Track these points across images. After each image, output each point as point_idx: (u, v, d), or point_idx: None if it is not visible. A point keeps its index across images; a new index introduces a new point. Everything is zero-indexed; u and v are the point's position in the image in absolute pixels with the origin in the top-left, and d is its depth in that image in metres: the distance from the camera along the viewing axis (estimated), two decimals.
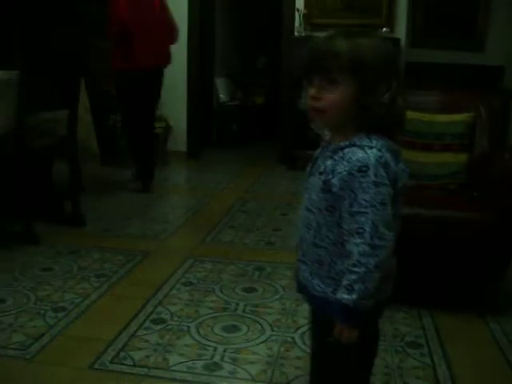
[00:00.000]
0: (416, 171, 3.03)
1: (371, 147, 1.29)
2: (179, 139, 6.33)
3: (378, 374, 2.14)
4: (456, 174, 3.00)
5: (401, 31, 5.90)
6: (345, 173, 1.28)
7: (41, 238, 3.50)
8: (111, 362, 2.18)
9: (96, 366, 2.15)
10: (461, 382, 2.13)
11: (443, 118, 3.09)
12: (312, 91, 1.33)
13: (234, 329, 2.46)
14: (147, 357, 2.21)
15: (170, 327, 2.45)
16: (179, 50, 6.19)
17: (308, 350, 2.22)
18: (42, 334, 2.37)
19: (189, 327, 2.45)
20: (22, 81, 3.28)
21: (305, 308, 2.63)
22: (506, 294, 2.89)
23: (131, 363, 2.17)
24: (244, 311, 2.63)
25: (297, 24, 5.98)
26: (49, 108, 3.69)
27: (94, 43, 5.59)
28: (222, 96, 7.41)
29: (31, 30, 3.39)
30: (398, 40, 5.77)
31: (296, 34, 5.95)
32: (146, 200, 4.61)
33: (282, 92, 6.21)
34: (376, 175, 1.26)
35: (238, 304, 2.70)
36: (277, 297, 2.79)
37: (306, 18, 5.89)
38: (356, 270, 1.28)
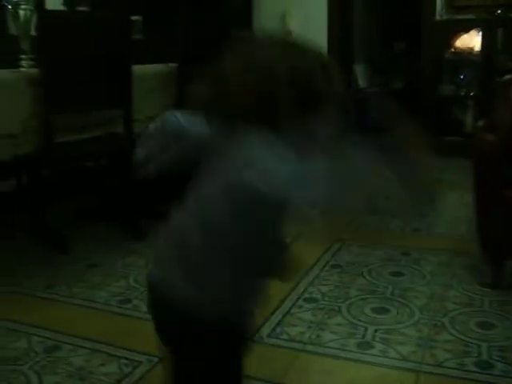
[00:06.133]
0: None
1: None
2: None
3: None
4: None
5: None
6: None
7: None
8: (268, 336, 2.34)
9: (254, 339, 2.31)
10: None
11: None
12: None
13: (383, 310, 2.55)
14: (302, 333, 2.35)
15: (321, 306, 2.58)
16: (320, 38, 6.29)
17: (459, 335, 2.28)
18: None
19: (340, 307, 2.57)
20: (180, 73, 3.53)
21: (453, 294, 2.67)
22: None
23: (287, 338, 2.32)
24: (392, 294, 2.70)
25: (438, 7, 5.88)
26: None
27: (234, 32, 5.83)
28: (361, 82, 7.42)
29: (189, 26, 3.62)
30: None
31: (437, 17, 5.86)
32: None
33: (421, 77, 6.14)
34: None
35: (386, 287, 2.78)
36: (424, 282, 2.83)
37: (448, 0, 5.77)
38: None
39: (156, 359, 2.14)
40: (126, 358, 2.17)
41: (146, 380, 2.04)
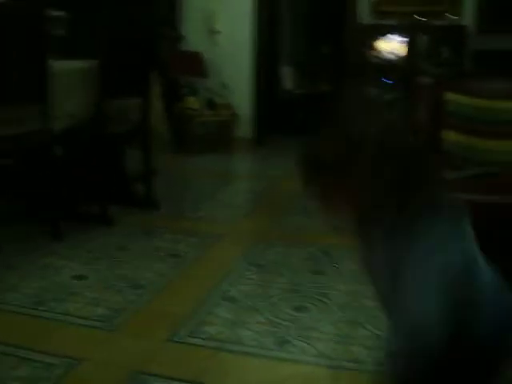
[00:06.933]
0: (486, 158, 3.06)
1: None
2: (245, 126, 6.45)
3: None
4: None
5: (467, 17, 5.81)
6: None
7: (116, 219, 3.68)
8: (188, 336, 2.31)
9: (174, 339, 2.29)
10: None
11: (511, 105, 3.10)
12: None
13: (303, 309, 2.56)
14: (221, 332, 2.34)
15: (242, 305, 2.58)
16: (246, 39, 6.32)
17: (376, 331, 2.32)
18: (123, 309, 2.53)
19: (260, 306, 2.57)
20: (101, 70, 3.47)
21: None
22: None
23: (206, 337, 2.30)
24: (312, 293, 2.73)
25: (363, 11, 6.01)
26: (123, 96, 3.85)
27: (163, 32, 5.77)
28: (288, 84, 7.49)
29: (110, 22, 3.56)
30: (462, 27, 5.71)
31: (362, 21, 6.00)
32: (215, 185, 4.76)
33: (346, 79, 6.26)
34: None
35: (307, 286, 2.80)
36: (343, 280, 2.87)
37: (374, 5, 5.92)
38: None
39: (72, 362, 2.09)
40: (40, 361, 2.10)
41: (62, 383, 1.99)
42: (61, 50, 3.50)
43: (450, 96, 3.21)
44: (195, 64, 6.27)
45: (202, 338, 2.29)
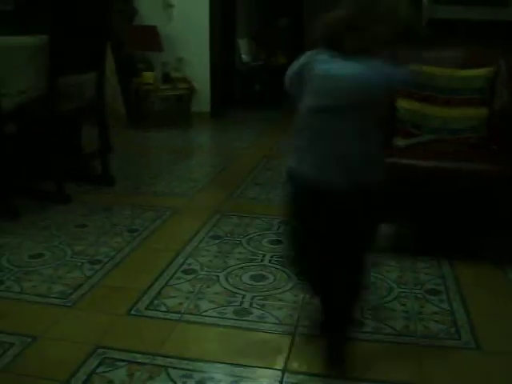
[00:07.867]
0: (437, 126, 3.10)
1: None
2: (202, 100, 6.42)
3: (399, 319, 2.26)
4: (476, 128, 3.05)
5: None
6: None
7: (73, 197, 3.64)
8: (146, 309, 2.31)
9: (133, 313, 2.29)
10: (477, 326, 2.23)
11: (464, 73, 3.13)
12: None
13: (261, 278, 2.59)
14: (180, 304, 2.35)
15: (200, 277, 2.59)
16: (202, 12, 6.25)
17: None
18: (81, 285, 2.51)
19: (218, 276, 2.59)
20: (52, 45, 3.39)
21: None
22: None
23: (165, 309, 2.31)
24: (270, 262, 2.76)
25: None
26: (76, 71, 3.78)
27: (117, 7, 5.68)
28: (245, 57, 7.45)
29: None
30: None
31: None
32: (173, 160, 4.73)
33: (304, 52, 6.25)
34: None
35: (264, 255, 2.83)
36: None
37: None
38: None
39: (29, 339, 2.07)
40: None
41: (19, 361, 1.97)
42: (9, 26, 3.41)
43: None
44: (150, 38, 6.18)
45: (161, 311, 2.30)
